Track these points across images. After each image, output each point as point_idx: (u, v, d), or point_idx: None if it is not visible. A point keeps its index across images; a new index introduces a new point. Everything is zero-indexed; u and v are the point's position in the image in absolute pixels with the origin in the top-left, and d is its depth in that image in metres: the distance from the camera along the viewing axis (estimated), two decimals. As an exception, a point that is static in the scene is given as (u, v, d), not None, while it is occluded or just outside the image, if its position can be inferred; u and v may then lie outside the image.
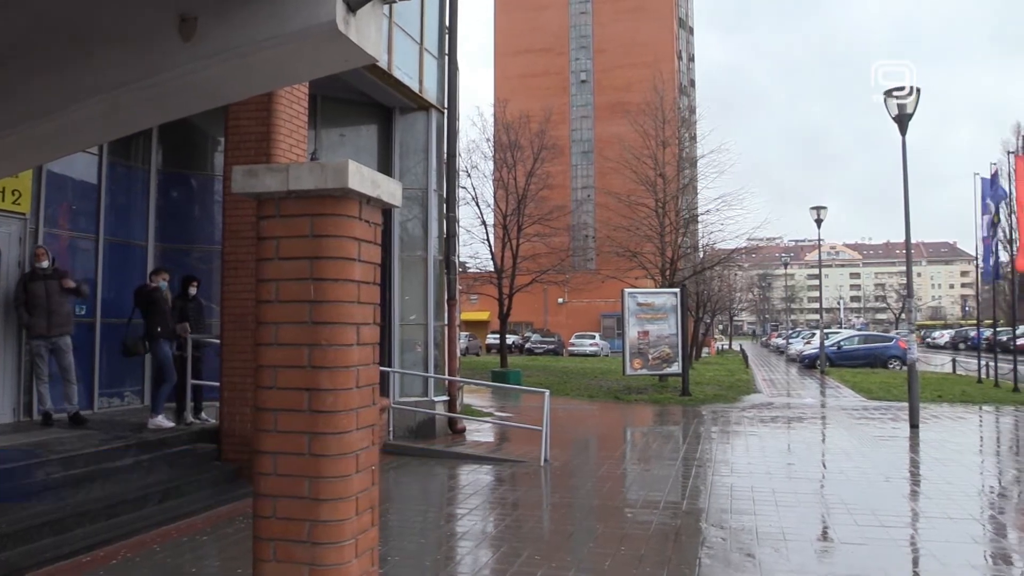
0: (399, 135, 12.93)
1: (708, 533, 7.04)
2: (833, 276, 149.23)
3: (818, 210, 31.02)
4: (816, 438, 13.79)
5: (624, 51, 74.66)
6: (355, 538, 2.96)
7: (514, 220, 29.87)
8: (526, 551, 6.40)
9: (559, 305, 64.78)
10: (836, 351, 34.37)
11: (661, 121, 26.44)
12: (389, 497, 8.52)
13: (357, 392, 2.98)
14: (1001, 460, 11.93)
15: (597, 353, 49.97)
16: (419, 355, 12.74)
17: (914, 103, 14.72)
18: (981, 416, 16.75)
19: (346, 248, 2.93)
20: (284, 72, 5.38)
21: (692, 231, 28.64)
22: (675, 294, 20.76)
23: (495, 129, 32.76)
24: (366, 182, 2.97)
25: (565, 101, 76.43)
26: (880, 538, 6.83)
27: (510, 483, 9.57)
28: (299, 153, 9.07)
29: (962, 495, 8.65)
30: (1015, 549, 6.82)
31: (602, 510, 8.18)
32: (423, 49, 12.67)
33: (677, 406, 18.33)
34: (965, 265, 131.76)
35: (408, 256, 12.78)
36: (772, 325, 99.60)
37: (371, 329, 3.10)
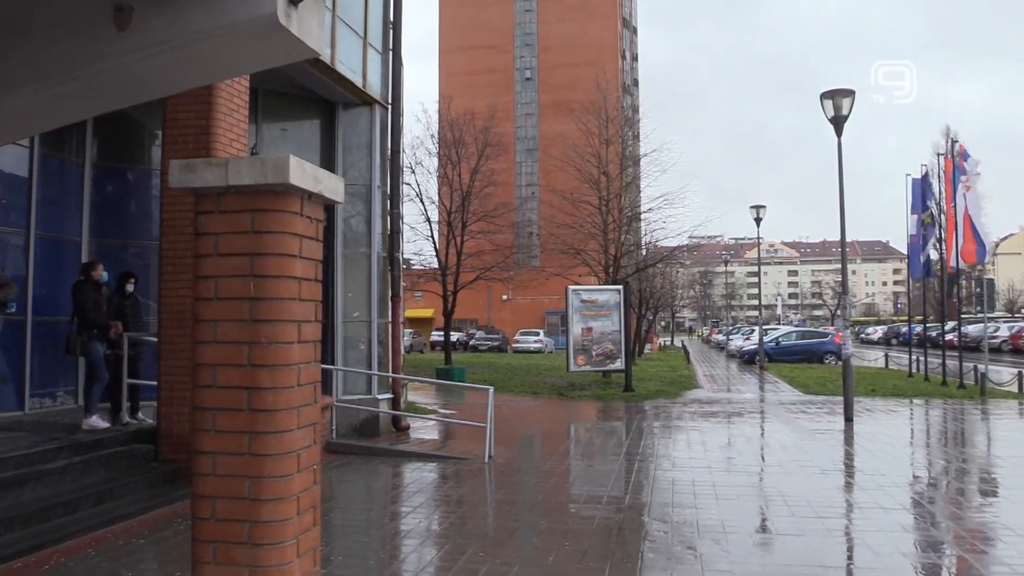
0: (342, 130, 12.79)
1: (651, 527, 7.13)
2: (772, 273, 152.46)
3: (757, 209, 31.63)
4: (755, 432, 14.07)
5: (569, 49, 75.05)
6: (296, 538, 2.92)
7: (459, 217, 29.82)
8: (470, 548, 6.39)
9: (503, 302, 64.87)
10: (774, 347, 35.11)
11: (605, 119, 26.64)
12: (332, 496, 8.43)
13: (298, 390, 2.94)
14: (931, 451, 12.33)
15: (541, 350, 50.19)
16: (363, 353, 12.63)
17: (849, 104, 15.09)
18: (912, 409, 17.28)
19: (287, 244, 2.89)
20: (224, 65, 5.28)
21: (635, 229, 28.93)
22: (618, 291, 20.95)
23: (439, 126, 32.64)
24: (308, 177, 2.93)
25: (510, 98, 76.52)
26: (816, 529, 7.00)
27: (454, 480, 9.55)
28: (239, 148, 8.91)
29: (894, 486, 8.92)
30: (944, 537, 7.05)
31: (546, 506, 8.22)
32: (367, 43, 12.55)
33: (620, 402, 18.52)
34: (897, 263, 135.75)
35: (351, 253, 12.66)
36: (713, 322, 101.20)
37: (313, 327, 3.07)
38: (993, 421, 15.23)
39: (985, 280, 25.53)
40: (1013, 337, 42.70)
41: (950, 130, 54.91)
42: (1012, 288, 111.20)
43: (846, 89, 15.11)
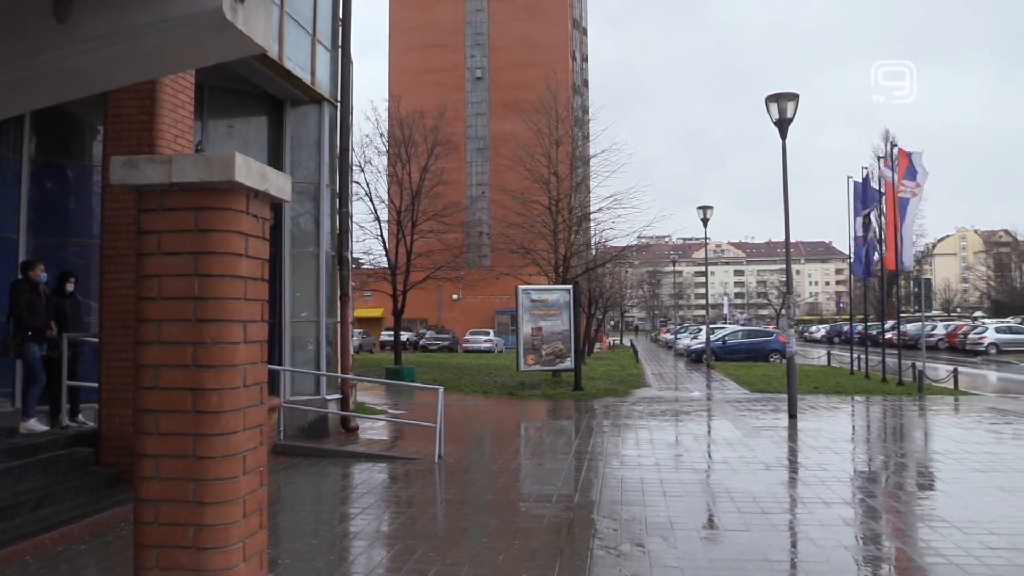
0: (290, 128, 12.63)
1: (600, 525, 7.18)
2: (719, 273, 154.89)
3: (705, 210, 32.06)
4: (702, 430, 14.27)
5: (519, 50, 75.26)
6: (243, 541, 2.88)
7: (408, 216, 29.66)
8: (420, 548, 6.37)
9: (453, 302, 64.75)
10: (721, 346, 35.65)
11: (555, 120, 26.74)
12: (280, 498, 8.33)
13: (244, 391, 2.90)
14: (871, 447, 12.65)
15: (491, 349, 50.22)
16: (311, 353, 12.49)
17: (794, 108, 15.39)
18: (853, 406, 17.71)
19: (232, 243, 2.85)
20: (168, 59, 5.17)
21: (585, 229, 29.11)
22: (568, 291, 21.06)
23: (389, 124, 32.43)
24: (254, 175, 2.89)
25: (460, 98, 76.40)
26: (761, 524, 7.13)
27: (404, 481, 9.51)
28: (184, 144, 8.74)
29: (836, 481, 9.13)
30: (883, 530, 7.24)
31: (496, 505, 8.23)
32: (315, 40, 12.41)
33: (570, 401, 18.61)
34: (840, 263, 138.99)
35: (299, 252, 12.51)
36: (661, 321, 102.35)
37: (259, 326, 3.03)
38: (930, 417, 15.68)
39: (923, 280, 26.29)
40: (949, 335, 44.03)
41: (889, 133, 56.54)
42: (948, 288, 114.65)
43: (790, 93, 15.41)
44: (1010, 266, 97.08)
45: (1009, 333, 41.33)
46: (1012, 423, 14.32)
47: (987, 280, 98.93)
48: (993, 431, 13.46)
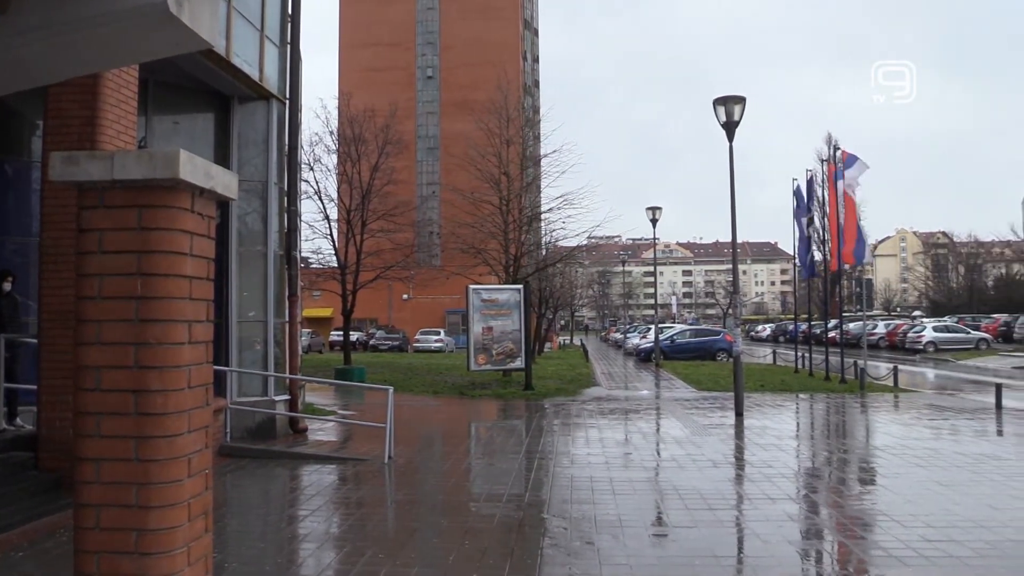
0: (238, 125, 12.43)
1: (550, 523, 7.21)
2: (668, 273, 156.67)
3: (654, 210, 32.41)
4: (651, 428, 14.42)
5: (471, 49, 75.21)
6: (187, 546, 2.82)
7: (358, 215, 29.42)
8: (370, 550, 6.33)
9: (404, 301, 64.37)
10: (670, 345, 36.07)
11: (506, 120, 26.77)
12: (226, 502, 8.20)
13: (189, 393, 2.84)
14: (815, 443, 12.92)
15: (442, 349, 50.09)
16: (259, 353, 12.31)
17: (741, 111, 15.63)
18: (798, 403, 18.07)
19: (177, 242, 2.79)
20: (112, 53, 5.06)
21: (535, 229, 29.20)
22: (519, 290, 21.11)
23: (339, 122, 32.12)
24: (199, 172, 2.84)
25: (411, 96, 76.10)
26: (709, 520, 7.24)
27: (354, 482, 9.43)
28: (128, 140, 8.55)
29: (781, 477, 9.31)
30: (826, 524, 7.41)
31: (446, 505, 8.22)
32: (264, 36, 12.23)
33: (520, 400, 18.66)
34: (785, 263, 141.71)
35: (247, 251, 12.31)
36: (611, 320, 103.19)
37: (204, 327, 2.97)
38: (871, 414, 16.08)
39: (864, 280, 26.95)
40: (890, 334, 45.22)
41: (832, 137, 57.92)
42: (888, 288, 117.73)
43: (737, 96, 15.65)
44: (947, 267, 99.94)
45: (946, 332, 42.62)
46: (949, 419, 14.76)
47: (925, 280, 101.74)
48: (931, 427, 13.86)
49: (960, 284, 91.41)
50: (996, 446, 11.82)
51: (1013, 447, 12.04)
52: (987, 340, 42.49)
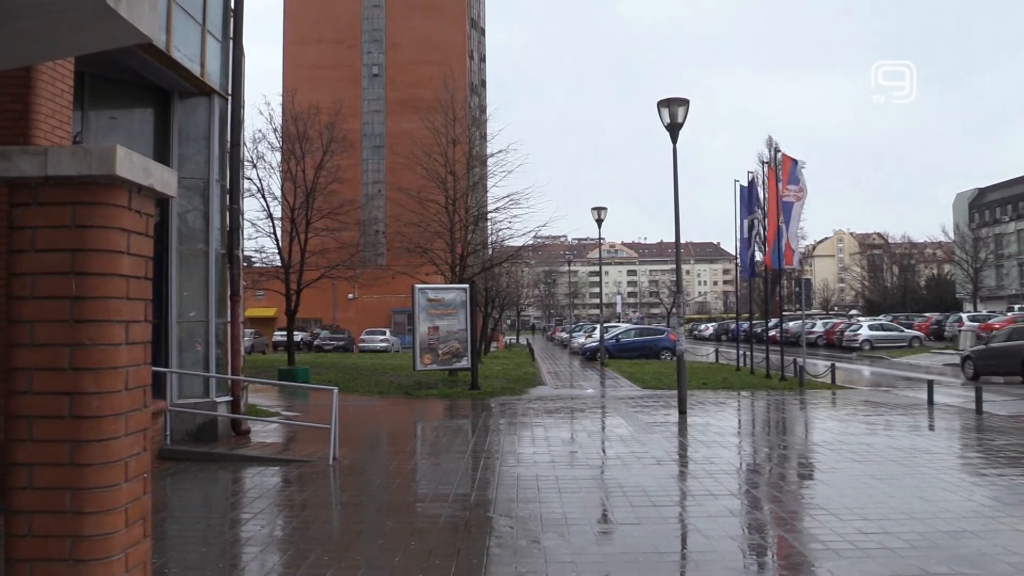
0: (178, 121, 12.16)
1: (497, 523, 7.22)
2: (613, 273, 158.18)
3: (599, 211, 32.66)
4: (596, 427, 14.53)
5: (417, 47, 74.84)
6: (125, 552, 2.76)
7: (302, 214, 29.04)
8: (314, 553, 6.26)
9: (349, 301, 63.81)
10: (615, 344, 36.40)
11: (452, 119, 26.70)
12: (166, 506, 8.02)
13: (126, 394, 2.78)
14: (756, 440, 13.17)
15: (388, 349, 49.78)
16: (200, 354, 12.06)
17: (684, 113, 15.85)
18: (739, 401, 18.40)
19: (113, 240, 2.72)
20: (45, 46, 4.90)
21: (481, 228, 29.18)
22: (465, 290, 21.08)
23: (283, 119, 31.66)
24: (137, 169, 2.78)
25: (357, 94, 75.44)
26: (653, 517, 7.33)
27: (298, 484, 9.32)
28: (62, 136, 8.30)
29: (723, 473, 9.47)
30: (766, 519, 7.56)
31: (392, 506, 8.17)
32: (206, 31, 11.99)
33: (466, 400, 18.64)
34: (727, 264, 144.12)
35: (188, 249, 12.06)
36: (557, 319, 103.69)
37: (142, 327, 2.91)
38: (810, 410, 16.45)
39: (803, 280, 27.55)
40: (828, 333, 46.35)
41: (773, 140, 59.31)
42: (827, 287, 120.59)
43: (681, 98, 15.86)
44: (882, 267, 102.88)
45: (881, 330, 43.87)
46: (883, 415, 15.19)
47: (862, 280, 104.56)
48: (867, 422, 14.24)
49: (894, 284, 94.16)
50: (928, 440, 12.20)
51: (944, 441, 12.44)
52: (920, 338, 43.84)
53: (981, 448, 11.51)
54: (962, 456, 11.13)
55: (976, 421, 14.05)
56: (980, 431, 13.04)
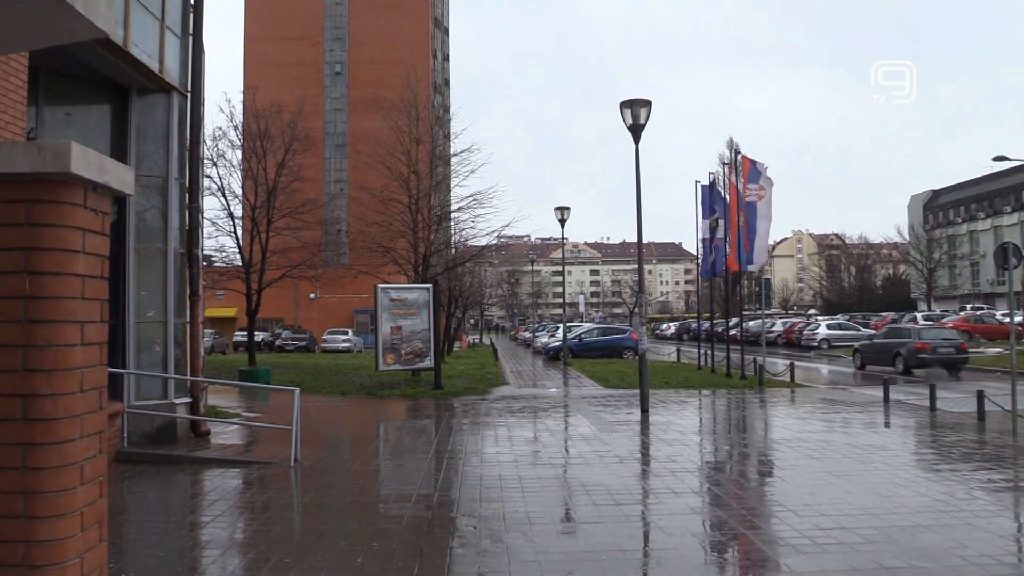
0: (136, 118, 11.95)
1: (460, 523, 7.22)
2: (576, 273, 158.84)
3: (562, 211, 32.77)
4: (559, 426, 14.58)
5: (380, 46, 74.43)
6: (80, 557, 2.71)
7: (263, 213, 28.70)
8: (275, 555, 6.20)
9: (311, 301, 63.24)
10: (578, 343, 36.54)
11: (415, 118, 26.57)
12: (124, 509, 7.89)
13: (82, 396, 2.72)
14: (717, 438, 13.32)
15: (350, 349, 49.47)
16: (158, 355, 11.87)
17: (646, 114, 15.95)
18: (700, 399, 18.59)
19: (68, 239, 2.67)
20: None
21: (444, 228, 29.10)
22: (428, 290, 21.02)
23: (244, 117, 31.24)
24: (92, 166, 2.72)
25: (319, 92, 74.83)
26: (615, 515, 7.37)
27: (259, 486, 9.22)
28: (15, 132, 8.12)
29: (685, 471, 9.56)
30: (727, 516, 7.64)
31: (354, 507, 8.12)
32: (164, 26, 11.81)
33: (430, 400, 18.59)
34: (689, 264, 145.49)
35: (146, 249, 11.86)
36: (520, 319, 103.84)
37: (98, 327, 2.85)
38: (770, 408, 16.68)
39: (763, 280, 27.89)
40: (787, 332, 46.98)
41: (733, 142, 60.02)
42: (786, 287, 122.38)
43: (643, 99, 15.97)
44: (840, 267, 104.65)
45: (839, 329, 44.58)
46: (841, 412, 15.45)
47: (820, 280, 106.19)
48: (825, 420, 14.47)
49: (852, 284, 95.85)
50: (884, 437, 12.43)
51: (899, 438, 12.69)
52: (875, 337, 44.56)
53: (935, 444, 11.76)
54: (916, 453, 11.36)
55: (930, 418, 14.35)
56: (934, 428, 13.31)
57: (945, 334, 28.01)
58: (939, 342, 26.06)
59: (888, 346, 27.20)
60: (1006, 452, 10.76)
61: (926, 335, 26.80)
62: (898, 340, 27.11)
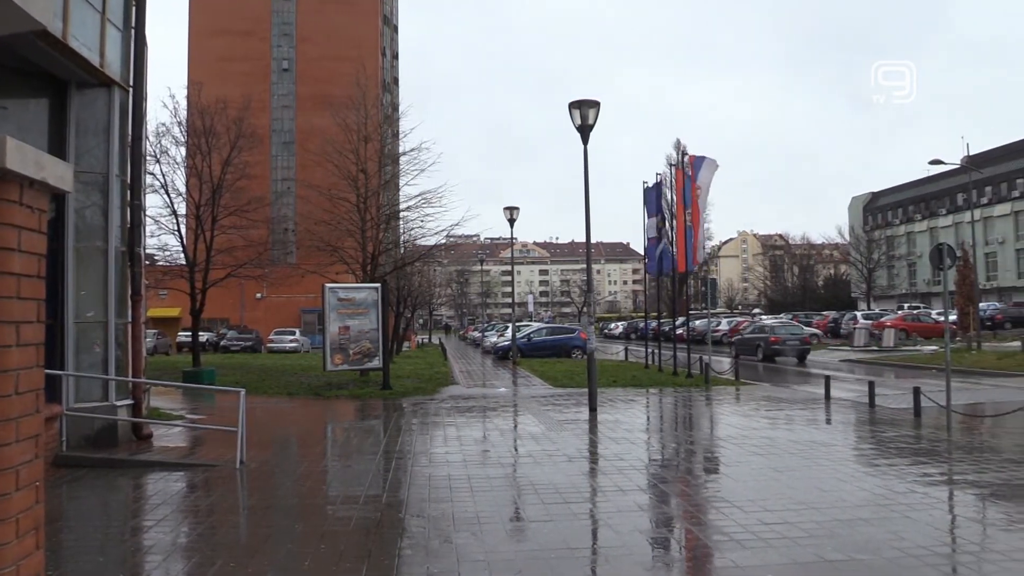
0: (76, 113, 11.63)
1: (409, 523, 7.19)
2: (525, 272, 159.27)
3: (511, 211, 32.84)
4: (508, 425, 14.61)
5: (328, 43, 73.62)
6: (16, 564, 2.63)
7: (208, 211, 28.19)
8: (220, 559, 6.10)
9: (257, 300, 62.33)
10: (527, 343, 36.67)
11: (364, 116, 26.37)
12: (62, 515, 7.68)
13: (17, 399, 2.65)
14: (664, 436, 13.49)
15: (297, 349, 48.91)
16: (98, 356, 11.57)
17: (595, 115, 16.07)
18: (648, 398, 18.79)
19: (3, 237, 2.59)
20: (-75, 31, 4.62)
21: (393, 227, 28.93)
22: (376, 289, 20.88)
23: (189, 113, 30.64)
24: (28, 162, 2.65)
25: (266, 89, 73.73)
26: (564, 514, 7.42)
27: (203, 489, 9.06)
28: (-55, 126, 7.85)
29: (632, 469, 9.66)
30: (674, 513, 7.75)
31: (301, 509, 8.03)
32: (105, 19, 11.52)
33: (378, 400, 18.48)
34: (636, 263, 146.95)
35: (85, 247, 11.56)
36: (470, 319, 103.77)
37: (34, 328, 2.78)
38: (715, 406, 16.94)
39: (709, 280, 28.31)
40: (732, 331, 47.72)
41: (681, 143, 60.89)
42: (731, 287, 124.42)
43: (592, 100, 16.08)
44: (783, 267, 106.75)
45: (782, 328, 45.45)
46: (784, 409, 15.76)
47: (764, 280, 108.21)
48: (769, 417, 14.75)
49: (795, 283, 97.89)
50: (825, 433, 12.72)
51: (840, 434, 13.00)
52: (818, 335, 45.66)
53: (874, 440, 12.07)
54: (857, 448, 11.66)
55: (869, 414, 14.73)
56: (873, 424, 13.67)
57: (793, 331, 35.09)
58: (788, 337, 33.39)
59: (753, 340, 34.22)
60: (941, 447, 11.10)
61: (779, 332, 34.15)
62: (759, 336, 34.39)
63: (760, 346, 33.09)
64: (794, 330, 35.46)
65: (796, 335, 33.86)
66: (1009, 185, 69.09)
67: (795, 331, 35.07)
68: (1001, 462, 9.79)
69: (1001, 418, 13.57)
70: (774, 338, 33.11)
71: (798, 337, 33.57)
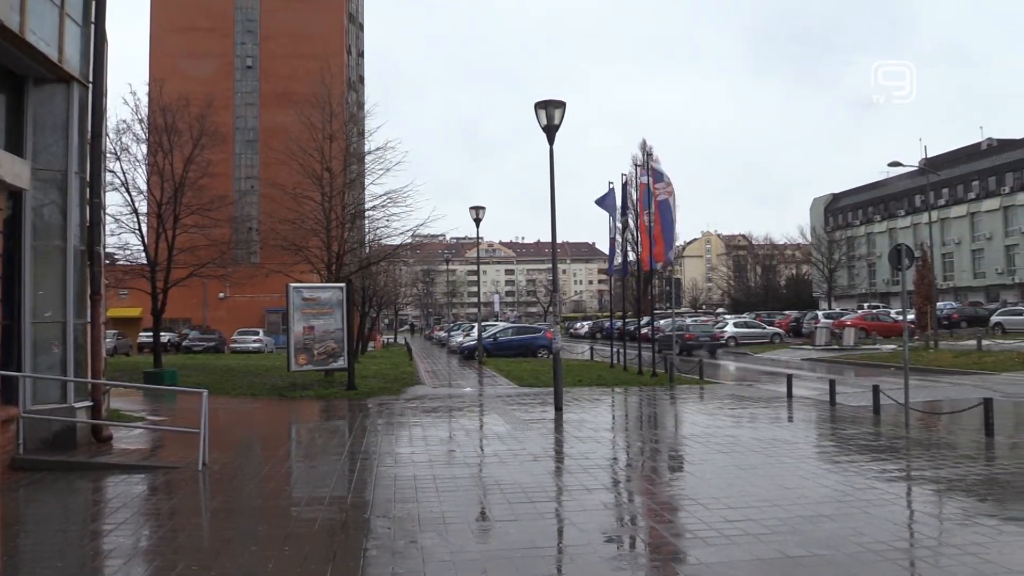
0: (33, 108, 11.40)
1: (374, 524, 7.17)
2: (491, 272, 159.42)
3: (477, 210, 32.85)
4: (474, 425, 14.61)
5: (293, 40, 72.95)
6: (-27, 568, 2.59)
7: (170, 209, 27.78)
8: (182, 562, 6.03)
9: (220, 300, 61.60)
10: (492, 342, 36.70)
11: (328, 115, 26.19)
12: (19, 519, 7.53)
13: (-24, 401, 2.60)
14: (629, 435, 13.59)
15: (261, 350, 48.50)
16: (56, 356, 11.36)
17: (561, 115, 16.13)
18: (613, 397, 18.91)
19: (-39, 236, 2.55)
20: None
21: (359, 226, 28.76)
22: (341, 289, 20.77)
23: (150, 110, 30.16)
24: (-12, 161, 2.61)
25: (229, 86, 72.93)
26: (529, 513, 7.45)
27: (164, 492, 8.95)
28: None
29: (598, 468, 9.72)
30: (639, 511, 7.82)
31: (265, 511, 7.96)
32: (64, 14, 11.31)
33: (343, 400, 18.38)
34: (602, 263, 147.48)
35: (43, 245, 11.33)
36: (435, 319, 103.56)
37: (-6, 329, 2.73)
38: (679, 405, 17.10)
39: (674, 280, 28.59)
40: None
41: (647, 144, 61.31)
42: (695, 286, 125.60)
43: (557, 100, 16.14)
44: (746, 267, 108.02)
45: (745, 327, 46.15)
46: (748, 408, 15.96)
47: (728, 280, 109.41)
48: (732, 416, 14.92)
49: (758, 283, 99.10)
50: (788, 431, 12.90)
51: (802, 432, 13.19)
52: (780, 335, 46.36)
53: (835, 437, 12.27)
54: (818, 445, 11.84)
55: (830, 412, 14.97)
56: (834, 421, 13.90)
57: (706, 329, 42.26)
58: (701, 333, 39.69)
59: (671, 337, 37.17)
60: (900, 443, 11.32)
61: (694, 329, 41.24)
62: (677, 332, 35.67)
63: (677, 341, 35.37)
64: (706, 329, 42.51)
65: (707, 333, 40.56)
66: (965, 187, 70.60)
67: (706, 330, 41.99)
68: (957, 458, 10.01)
69: (957, 415, 13.86)
70: (689, 335, 38.90)
71: (709, 334, 40.07)
